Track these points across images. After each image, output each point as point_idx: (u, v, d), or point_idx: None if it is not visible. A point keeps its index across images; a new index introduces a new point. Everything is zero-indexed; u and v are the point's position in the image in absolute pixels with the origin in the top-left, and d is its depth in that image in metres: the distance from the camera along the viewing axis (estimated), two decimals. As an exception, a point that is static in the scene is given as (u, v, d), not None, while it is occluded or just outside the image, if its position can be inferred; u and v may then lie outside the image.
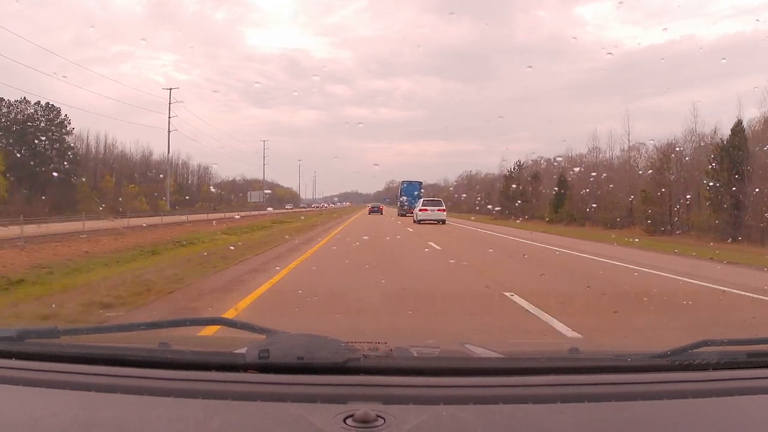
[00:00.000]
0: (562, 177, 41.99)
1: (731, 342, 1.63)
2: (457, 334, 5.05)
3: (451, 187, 65.84)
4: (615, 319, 6.27)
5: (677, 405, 1.29)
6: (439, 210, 32.53)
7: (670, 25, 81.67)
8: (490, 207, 49.80)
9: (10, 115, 49.44)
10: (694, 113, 34.67)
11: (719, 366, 1.45)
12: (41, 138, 49.26)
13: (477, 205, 53.55)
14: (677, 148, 32.00)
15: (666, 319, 6.28)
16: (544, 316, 6.30)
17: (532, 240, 20.64)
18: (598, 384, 1.38)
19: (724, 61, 67.66)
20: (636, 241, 21.25)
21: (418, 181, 49.57)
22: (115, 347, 1.64)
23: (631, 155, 38.29)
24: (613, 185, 35.49)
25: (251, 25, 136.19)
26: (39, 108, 50.06)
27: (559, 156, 51.03)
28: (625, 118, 50.29)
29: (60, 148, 50.71)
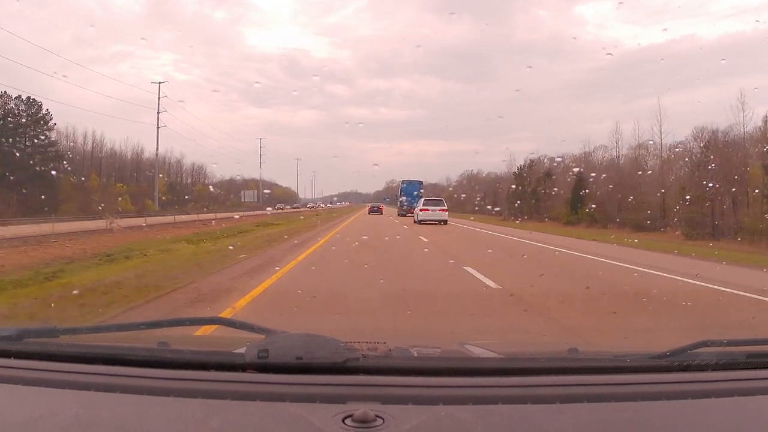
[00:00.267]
0: (579, 175, 38.47)
1: (731, 343, 1.63)
2: (457, 334, 5.05)
3: (451, 188, 64.66)
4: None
5: (677, 405, 1.29)
6: (440, 210, 31.54)
7: (670, 25, 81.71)
8: (490, 207, 47.88)
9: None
10: (741, 99, 29.33)
11: (719, 367, 1.45)
12: (21, 133, 45.34)
13: (476, 205, 51.46)
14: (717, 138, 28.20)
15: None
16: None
17: (561, 247, 16.76)
18: (597, 384, 1.38)
19: (723, 61, 67.57)
20: (691, 249, 16.89)
21: (419, 181, 48.60)
22: (114, 347, 1.64)
23: (659, 152, 34.35)
24: (634, 183, 32.14)
25: (251, 25, 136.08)
26: (20, 102, 45.72)
27: (558, 156, 48.65)
28: (654, 112, 43.71)
29: (41, 145, 46.54)
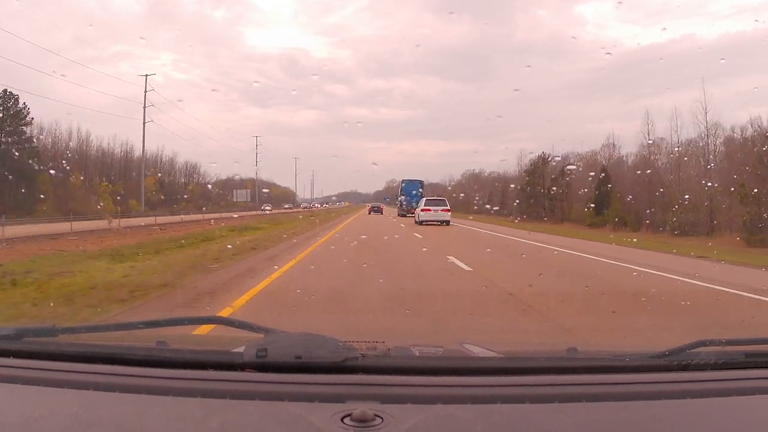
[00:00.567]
0: (603, 172, 35.46)
1: (729, 342, 1.63)
2: (456, 333, 5.05)
3: (449, 187, 63.79)
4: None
5: (675, 405, 1.29)
6: (442, 210, 30.56)
7: (670, 25, 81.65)
8: (496, 208, 46.25)
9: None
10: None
11: (717, 366, 1.45)
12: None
13: (475, 205, 50.43)
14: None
15: None
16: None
17: (605, 257, 13.49)
18: (596, 384, 1.38)
19: (723, 61, 67.63)
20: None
21: (419, 180, 47.07)
22: (113, 346, 1.64)
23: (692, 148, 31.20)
24: (670, 181, 29.52)
25: (251, 25, 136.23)
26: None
27: (566, 153, 45.66)
28: (698, 96, 37.49)
29: (17, 141, 42.99)
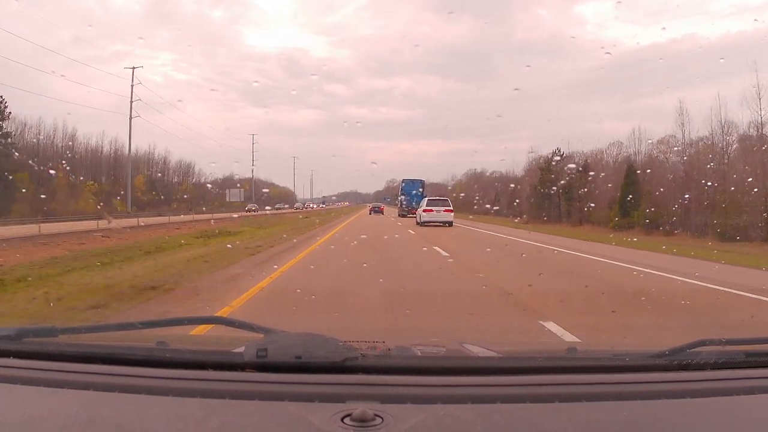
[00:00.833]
0: (630, 169, 32.16)
1: (729, 342, 1.63)
2: (456, 333, 5.05)
3: (449, 187, 63.39)
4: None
5: (675, 405, 1.29)
6: (445, 210, 29.64)
7: (670, 24, 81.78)
8: (498, 208, 45.08)
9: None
10: None
11: (717, 366, 1.45)
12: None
13: (476, 205, 49.05)
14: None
15: None
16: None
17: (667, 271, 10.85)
18: (596, 383, 1.38)
19: (722, 60, 67.66)
20: None
21: (420, 179, 45.98)
22: (113, 346, 1.64)
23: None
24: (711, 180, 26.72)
25: (250, 24, 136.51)
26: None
27: (573, 149, 42.64)
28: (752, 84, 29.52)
29: None
